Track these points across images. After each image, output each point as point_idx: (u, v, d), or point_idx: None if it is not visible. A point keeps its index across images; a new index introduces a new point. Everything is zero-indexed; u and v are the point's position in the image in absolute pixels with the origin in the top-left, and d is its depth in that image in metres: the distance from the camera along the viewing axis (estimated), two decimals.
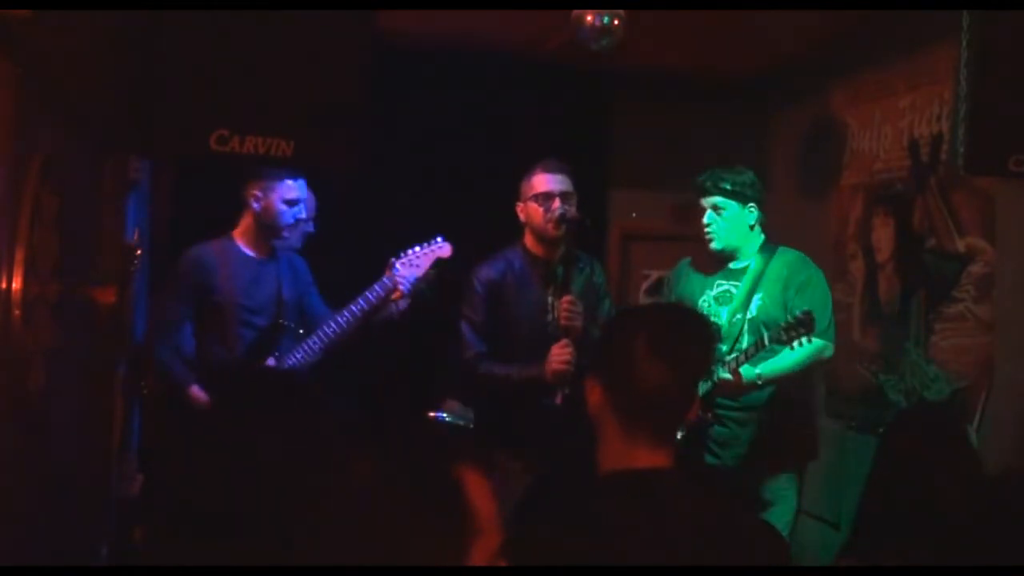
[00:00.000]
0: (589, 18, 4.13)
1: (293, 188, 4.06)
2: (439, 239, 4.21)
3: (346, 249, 4.80)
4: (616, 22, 4.12)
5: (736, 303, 4.05)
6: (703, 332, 2.09)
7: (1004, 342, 4.05)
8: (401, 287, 4.08)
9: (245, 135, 2.77)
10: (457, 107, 5.42)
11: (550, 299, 4.06)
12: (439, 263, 4.19)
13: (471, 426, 4.23)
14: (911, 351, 4.51)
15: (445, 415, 4.36)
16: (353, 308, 4.06)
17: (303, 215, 4.17)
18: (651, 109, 5.81)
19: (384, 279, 4.12)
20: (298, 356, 4.06)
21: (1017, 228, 4.03)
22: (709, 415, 3.95)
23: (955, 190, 4.29)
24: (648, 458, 1.91)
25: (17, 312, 2.32)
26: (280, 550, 1.32)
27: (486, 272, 4.09)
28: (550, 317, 4.05)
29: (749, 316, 4.03)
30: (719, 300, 4.11)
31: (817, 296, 4.05)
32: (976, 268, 4.18)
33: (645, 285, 6.08)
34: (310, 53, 2.83)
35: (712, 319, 4.02)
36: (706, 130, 5.73)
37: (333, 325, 4.07)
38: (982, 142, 3.10)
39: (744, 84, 5.71)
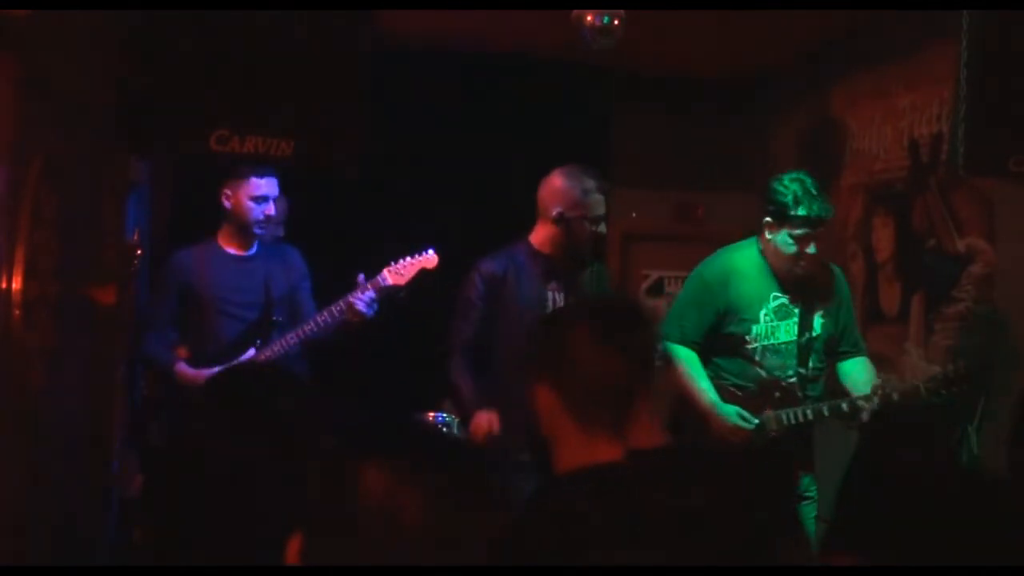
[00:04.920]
0: (589, 18, 4.13)
1: (260, 185, 4.12)
2: (430, 251, 4.23)
3: (342, 250, 4.80)
4: (616, 22, 4.12)
5: (800, 320, 3.86)
6: (641, 316, 2.06)
7: (1004, 342, 4.05)
8: (361, 308, 4.08)
9: (245, 135, 2.78)
10: (456, 107, 5.42)
11: (550, 293, 4.06)
12: (423, 273, 4.22)
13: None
14: (911, 351, 4.51)
15: (445, 415, 4.36)
16: (333, 310, 4.13)
17: (272, 212, 4.19)
18: (651, 109, 5.81)
19: (370, 287, 4.14)
20: (275, 349, 4.13)
21: (1017, 228, 4.03)
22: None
23: (955, 190, 4.29)
24: (608, 451, 1.86)
25: (17, 312, 2.32)
26: (279, 550, 1.31)
27: (487, 265, 4.10)
28: (549, 310, 4.05)
29: (815, 335, 3.87)
30: (777, 313, 3.88)
31: (853, 312, 4.02)
32: (976, 268, 4.18)
33: (645, 285, 6.08)
34: (310, 54, 2.83)
35: (771, 336, 3.86)
36: (706, 130, 5.73)
37: (312, 324, 4.14)
38: (982, 142, 3.10)
39: (744, 84, 5.71)
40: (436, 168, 5.42)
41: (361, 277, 4.11)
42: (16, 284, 2.30)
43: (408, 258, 4.20)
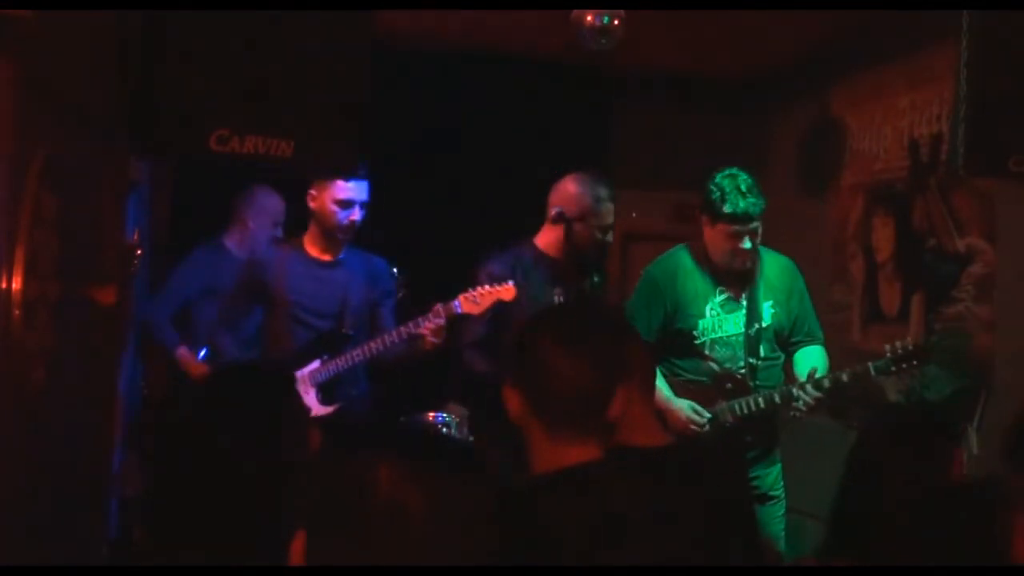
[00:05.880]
0: (589, 18, 4.14)
1: (346, 188, 3.98)
2: (509, 282, 4.03)
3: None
4: (616, 22, 4.13)
5: (747, 312, 3.90)
6: (609, 321, 2.09)
7: (1004, 342, 4.05)
8: (432, 339, 3.96)
9: (245, 135, 2.78)
10: (456, 107, 5.43)
11: (555, 298, 4.07)
12: (499, 304, 4.03)
13: (466, 427, 4.23)
14: None
15: (445, 415, 4.36)
16: (402, 331, 4.00)
17: (358, 217, 4.03)
18: (651, 109, 5.81)
19: (443, 314, 3.99)
20: (339, 364, 4.03)
21: (1017, 228, 4.03)
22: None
23: (955, 190, 4.29)
24: (577, 454, 1.88)
25: (17, 312, 2.32)
26: (279, 549, 1.31)
27: (492, 266, 4.10)
28: None
29: (763, 325, 3.90)
30: (724, 307, 3.92)
31: (808, 303, 4.03)
32: (976, 268, 4.18)
33: None
34: (310, 53, 2.83)
35: (719, 328, 3.90)
36: (706, 130, 5.73)
37: (379, 343, 4.01)
38: (982, 142, 3.10)
39: (744, 84, 5.71)
40: (435, 168, 5.43)
41: (439, 306, 3.98)
42: (16, 284, 2.30)
43: (486, 287, 4.02)
